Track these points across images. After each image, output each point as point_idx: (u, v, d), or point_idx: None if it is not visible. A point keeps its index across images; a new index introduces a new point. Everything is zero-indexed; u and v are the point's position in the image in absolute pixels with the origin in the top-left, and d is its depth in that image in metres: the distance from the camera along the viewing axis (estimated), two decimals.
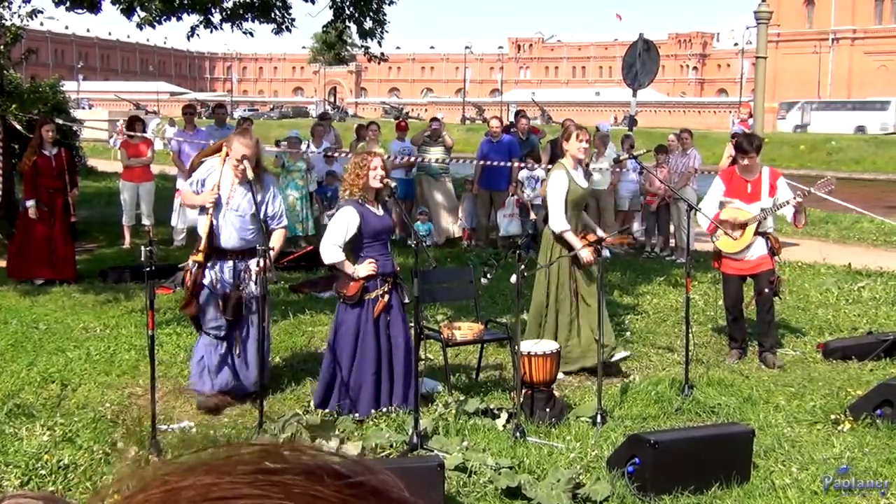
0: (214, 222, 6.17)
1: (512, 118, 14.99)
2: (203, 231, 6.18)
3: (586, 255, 6.91)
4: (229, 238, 6.21)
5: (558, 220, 6.99)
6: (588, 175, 7.11)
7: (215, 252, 6.20)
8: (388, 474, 0.61)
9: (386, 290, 6.05)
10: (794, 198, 7.33)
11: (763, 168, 7.65)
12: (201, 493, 0.53)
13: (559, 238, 7.03)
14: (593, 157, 12.28)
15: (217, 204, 6.16)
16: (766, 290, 7.44)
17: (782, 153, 40.40)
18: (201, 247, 6.16)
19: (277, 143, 14.40)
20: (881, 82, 68.11)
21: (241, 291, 6.19)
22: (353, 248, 6.05)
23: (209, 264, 6.20)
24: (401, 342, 6.09)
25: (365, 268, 5.97)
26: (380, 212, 6.09)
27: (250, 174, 6.09)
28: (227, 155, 6.20)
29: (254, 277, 6.06)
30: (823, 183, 7.72)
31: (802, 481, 4.92)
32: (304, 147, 13.27)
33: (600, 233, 7.25)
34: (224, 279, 6.20)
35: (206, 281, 6.20)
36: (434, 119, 14.42)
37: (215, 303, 6.20)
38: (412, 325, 6.08)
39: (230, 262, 6.22)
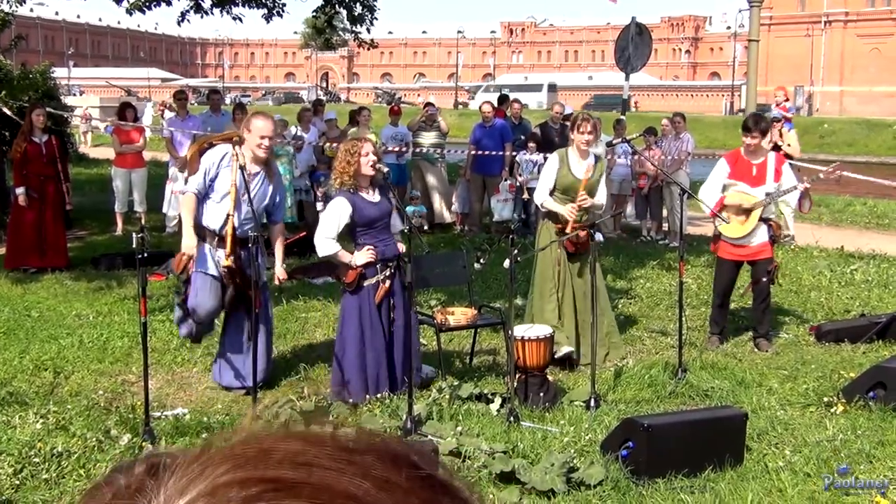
0: (237, 218, 5.88)
1: (496, 102, 14.93)
2: (228, 231, 5.87)
3: (566, 211, 6.90)
4: (242, 228, 5.95)
5: (538, 193, 7.24)
6: (594, 165, 7.07)
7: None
8: (451, 470, 0.63)
9: (387, 274, 5.99)
10: (803, 183, 7.28)
11: (769, 152, 7.59)
12: (289, 457, 0.59)
13: (547, 214, 7.11)
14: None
15: (238, 199, 5.86)
16: (764, 279, 7.41)
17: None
18: (228, 250, 5.88)
19: None
20: (873, 66, 68.19)
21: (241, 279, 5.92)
22: (352, 235, 6.00)
23: (207, 254, 5.97)
24: (400, 325, 6.05)
25: (363, 255, 5.89)
26: (375, 198, 5.98)
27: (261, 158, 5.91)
28: (239, 141, 5.93)
29: (259, 262, 5.84)
30: (832, 169, 7.70)
31: (795, 464, 4.93)
32: (292, 131, 13.19)
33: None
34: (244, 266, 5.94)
35: (211, 271, 5.97)
36: (428, 104, 14.36)
37: (214, 290, 6.01)
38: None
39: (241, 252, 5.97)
